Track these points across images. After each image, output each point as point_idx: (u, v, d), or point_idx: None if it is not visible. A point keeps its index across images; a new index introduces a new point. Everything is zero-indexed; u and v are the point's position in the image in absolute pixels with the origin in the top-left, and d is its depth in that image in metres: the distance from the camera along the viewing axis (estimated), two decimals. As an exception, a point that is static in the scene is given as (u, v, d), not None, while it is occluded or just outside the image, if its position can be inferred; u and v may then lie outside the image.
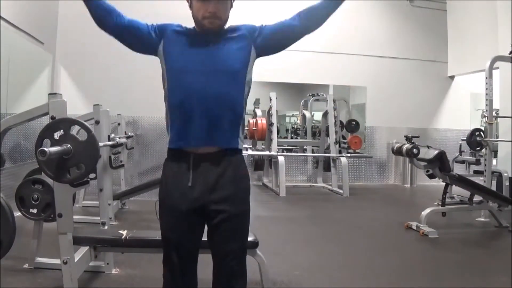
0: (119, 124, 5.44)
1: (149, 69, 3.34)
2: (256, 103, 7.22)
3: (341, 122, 7.39)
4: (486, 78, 4.51)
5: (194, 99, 1.46)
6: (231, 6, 1.55)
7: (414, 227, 4.12)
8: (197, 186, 1.48)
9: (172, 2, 4.31)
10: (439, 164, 4.10)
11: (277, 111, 6.56)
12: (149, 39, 1.53)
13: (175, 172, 1.52)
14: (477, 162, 5.97)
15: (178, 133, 1.50)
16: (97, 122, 3.28)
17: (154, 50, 1.55)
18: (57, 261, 2.36)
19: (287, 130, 8.61)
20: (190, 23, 1.57)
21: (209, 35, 1.51)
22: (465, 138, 5.63)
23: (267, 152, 6.56)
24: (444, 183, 4.25)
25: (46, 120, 2.02)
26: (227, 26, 1.57)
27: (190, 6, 1.54)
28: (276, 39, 1.56)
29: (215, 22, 1.49)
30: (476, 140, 5.28)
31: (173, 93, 1.51)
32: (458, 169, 5.81)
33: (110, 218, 3.87)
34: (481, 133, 5.31)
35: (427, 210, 4.12)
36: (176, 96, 1.49)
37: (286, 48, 1.60)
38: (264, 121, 6.68)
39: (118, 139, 3.87)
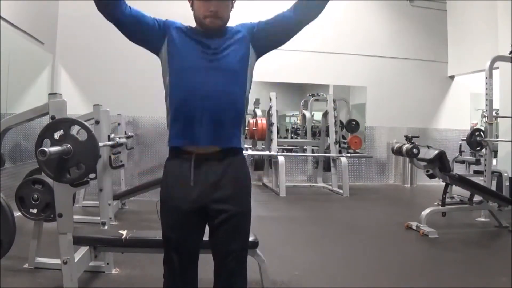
0: (119, 124, 5.44)
1: (149, 69, 3.35)
2: (256, 103, 7.21)
3: (341, 122, 7.38)
4: (486, 78, 4.51)
5: (195, 97, 1.46)
6: (232, 6, 1.55)
7: (414, 227, 4.11)
8: (199, 186, 1.48)
9: (172, 2, 4.31)
10: (439, 164, 4.10)
11: (277, 111, 6.56)
12: (154, 34, 1.52)
13: (176, 172, 1.52)
14: (477, 162, 5.97)
15: (179, 132, 1.49)
16: (97, 122, 3.29)
17: (156, 45, 1.53)
18: (57, 261, 2.36)
19: (287, 130, 8.60)
20: (190, 23, 1.57)
21: (210, 34, 1.52)
22: (465, 138, 5.62)
23: (267, 152, 6.55)
24: (444, 183, 4.25)
25: (46, 120, 2.01)
26: (227, 26, 1.57)
27: (192, 6, 1.54)
28: (272, 32, 1.55)
29: (216, 21, 1.49)
30: (476, 140, 5.27)
31: (174, 91, 1.50)
32: (458, 169, 5.81)
33: (110, 218, 3.87)
34: (481, 133, 5.32)
35: (427, 210, 4.12)
36: (178, 94, 1.49)
37: (284, 42, 1.57)
38: (264, 121, 6.68)
39: (118, 139, 3.87)
